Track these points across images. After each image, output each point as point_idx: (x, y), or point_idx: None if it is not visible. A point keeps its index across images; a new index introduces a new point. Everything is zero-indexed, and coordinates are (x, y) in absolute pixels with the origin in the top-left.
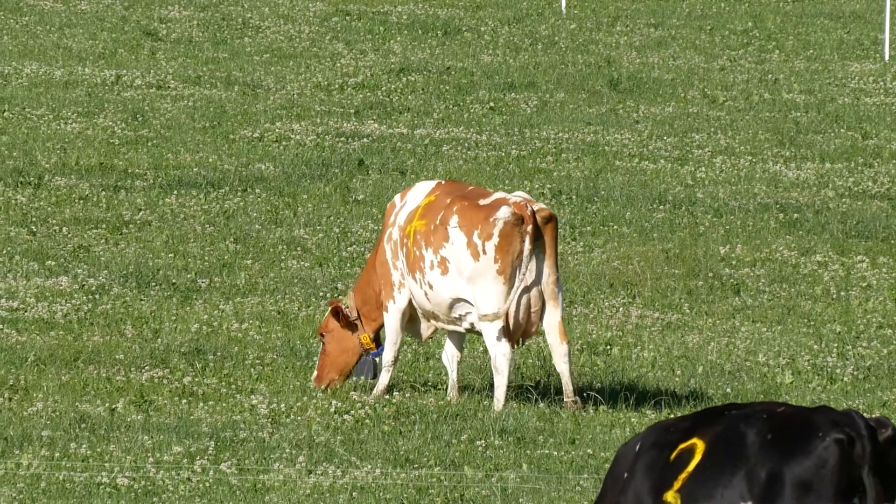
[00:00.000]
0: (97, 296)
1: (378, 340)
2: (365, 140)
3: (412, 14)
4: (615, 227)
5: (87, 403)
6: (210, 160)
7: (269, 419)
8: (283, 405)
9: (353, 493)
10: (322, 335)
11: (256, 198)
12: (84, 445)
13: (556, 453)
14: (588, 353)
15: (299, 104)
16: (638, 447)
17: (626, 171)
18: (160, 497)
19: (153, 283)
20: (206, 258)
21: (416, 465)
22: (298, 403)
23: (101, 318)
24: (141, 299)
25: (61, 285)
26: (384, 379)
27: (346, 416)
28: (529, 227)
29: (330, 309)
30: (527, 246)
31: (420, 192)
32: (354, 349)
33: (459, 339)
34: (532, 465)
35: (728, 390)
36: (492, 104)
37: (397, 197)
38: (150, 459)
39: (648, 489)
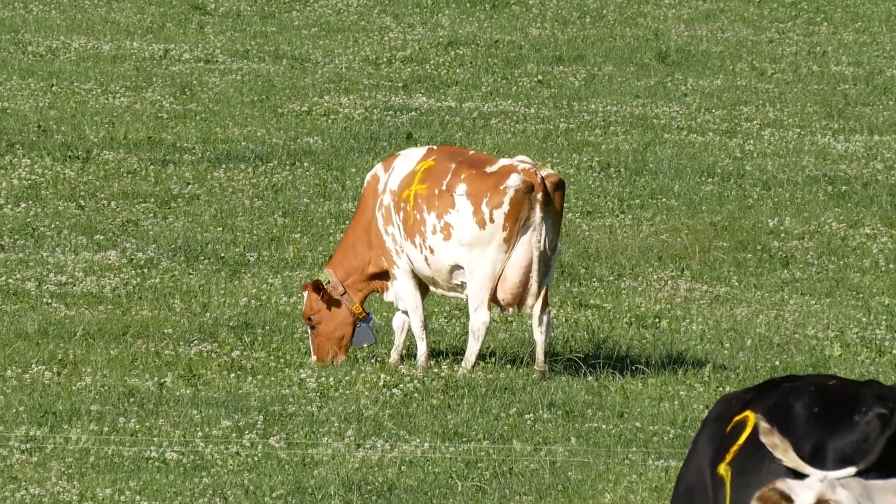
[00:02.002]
0: (146, 270)
1: (365, 308)
2: (413, 113)
3: None
4: (663, 199)
5: (135, 378)
6: (258, 134)
7: (318, 393)
8: (331, 379)
9: (402, 467)
10: (309, 319)
11: (305, 171)
12: (133, 420)
13: (604, 427)
14: (636, 326)
15: (347, 78)
16: (705, 419)
17: (675, 143)
18: (209, 471)
19: (202, 257)
20: (255, 232)
21: (464, 439)
22: (347, 377)
23: (150, 292)
24: (189, 273)
25: (110, 259)
26: (422, 348)
27: (394, 390)
28: (540, 195)
29: (310, 289)
30: (538, 213)
31: (411, 158)
32: (347, 319)
33: None
34: (580, 439)
35: (777, 363)
36: (540, 77)
37: (379, 167)
38: (199, 434)
39: (708, 461)
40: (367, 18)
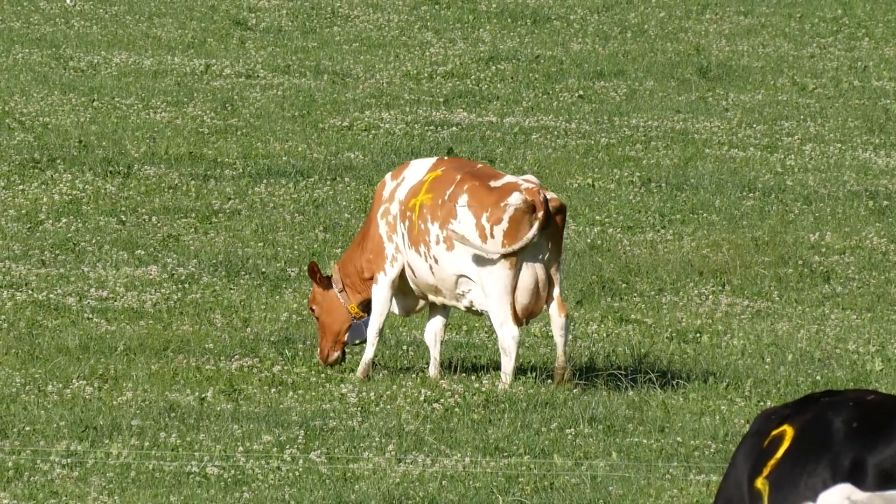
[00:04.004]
0: (186, 285)
1: (368, 309)
2: (454, 129)
3: (501, 2)
4: (704, 214)
5: (176, 393)
6: (299, 149)
7: (359, 408)
8: (372, 394)
9: (443, 482)
10: (312, 309)
11: (346, 186)
12: (174, 435)
13: (645, 441)
14: (677, 340)
15: (388, 93)
16: (745, 434)
17: (716, 158)
18: (250, 486)
19: (242, 272)
20: (296, 247)
21: (505, 454)
22: (388, 392)
23: (191, 307)
24: (230, 288)
25: (151, 275)
26: (369, 352)
27: (435, 405)
28: (541, 214)
29: (310, 276)
30: (534, 232)
31: (420, 168)
32: (343, 316)
33: (443, 319)
34: (621, 454)
35: (818, 378)
36: (581, 92)
37: (388, 176)
38: (240, 448)
39: (746, 475)
40: (409, 34)
